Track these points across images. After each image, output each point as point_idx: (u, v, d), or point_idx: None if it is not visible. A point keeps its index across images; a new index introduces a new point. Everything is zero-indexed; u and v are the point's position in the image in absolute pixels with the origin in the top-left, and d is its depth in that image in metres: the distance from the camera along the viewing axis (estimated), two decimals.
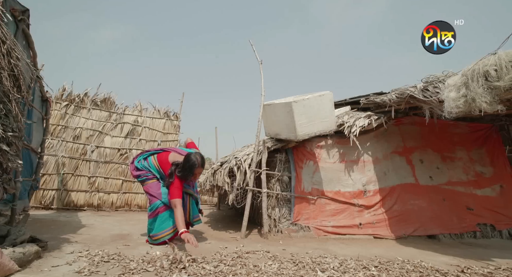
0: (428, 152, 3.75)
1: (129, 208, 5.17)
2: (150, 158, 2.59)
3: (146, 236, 2.68)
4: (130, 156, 5.31)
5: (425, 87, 2.72)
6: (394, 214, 3.32)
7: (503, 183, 3.79)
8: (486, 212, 3.57)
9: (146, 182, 2.53)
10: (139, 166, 2.56)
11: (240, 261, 1.87)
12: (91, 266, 1.66)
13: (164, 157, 2.54)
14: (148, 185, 2.52)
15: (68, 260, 1.75)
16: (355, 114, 3.65)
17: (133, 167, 2.59)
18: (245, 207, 3.09)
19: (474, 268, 1.97)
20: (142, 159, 2.61)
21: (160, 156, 2.57)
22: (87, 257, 1.85)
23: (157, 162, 2.54)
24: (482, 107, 2.10)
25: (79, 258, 1.81)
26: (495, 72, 2.02)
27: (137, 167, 2.56)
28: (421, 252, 2.55)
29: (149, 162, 2.56)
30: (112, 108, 5.53)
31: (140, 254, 2.01)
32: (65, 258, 1.79)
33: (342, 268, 1.83)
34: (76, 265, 1.66)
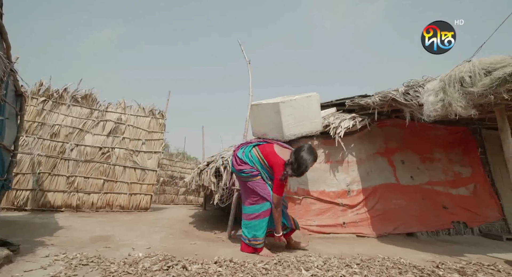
0: (409, 153, 3.91)
1: (111, 208, 5.00)
2: (253, 150, 2.33)
3: (129, 238, 2.61)
4: (113, 155, 5.14)
5: (406, 91, 2.83)
6: (376, 213, 3.43)
7: (477, 183, 4.02)
8: (460, 210, 3.78)
9: (251, 179, 2.26)
10: (243, 158, 2.30)
11: (225, 263, 1.86)
12: (68, 270, 1.59)
13: (269, 149, 2.29)
14: (255, 183, 2.25)
15: (43, 264, 1.66)
16: (341, 115, 3.74)
17: (238, 159, 2.33)
18: (231, 207, 3.07)
19: (448, 263, 2.07)
20: (246, 151, 2.34)
21: (263, 148, 2.32)
22: (64, 260, 1.76)
23: (260, 154, 2.28)
24: (457, 111, 2.22)
25: (55, 262, 1.72)
26: (470, 78, 2.14)
27: (243, 160, 2.30)
28: (400, 249, 2.65)
29: (252, 156, 2.30)
30: (94, 105, 5.31)
31: (122, 256, 1.94)
32: (40, 262, 1.70)
33: (326, 266, 1.86)
34: (51, 269, 1.58)
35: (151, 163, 5.47)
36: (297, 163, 2.14)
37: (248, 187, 2.30)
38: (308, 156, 2.15)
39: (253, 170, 2.26)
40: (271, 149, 2.28)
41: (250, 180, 2.27)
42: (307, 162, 2.14)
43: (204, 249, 2.33)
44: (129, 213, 4.95)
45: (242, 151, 2.37)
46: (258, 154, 2.30)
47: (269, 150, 2.29)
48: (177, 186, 9.44)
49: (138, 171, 5.32)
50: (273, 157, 2.23)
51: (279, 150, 2.31)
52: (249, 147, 2.38)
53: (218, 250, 2.28)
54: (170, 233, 3.07)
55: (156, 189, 8.63)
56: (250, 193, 2.30)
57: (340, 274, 1.69)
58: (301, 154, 2.15)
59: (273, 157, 2.23)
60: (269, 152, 2.27)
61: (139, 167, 5.33)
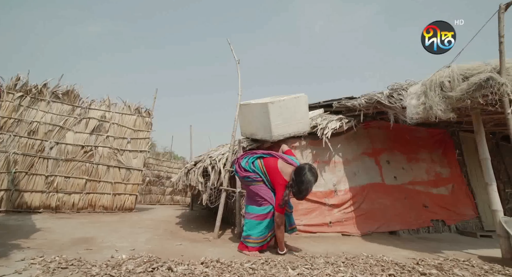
0: (394, 154, 4.04)
1: (93, 209, 4.83)
2: (257, 162, 2.40)
3: (113, 239, 2.53)
4: (96, 154, 4.96)
5: (390, 94, 2.93)
6: (362, 212, 3.52)
7: (455, 183, 4.22)
8: (439, 209, 3.96)
9: (254, 183, 2.35)
10: (247, 167, 2.38)
11: (212, 263, 1.84)
12: (45, 274, 1.52)
13: (272, 163, 2.33)
14: (257, 187, 2.33)
15: (18, 268, 1.58)
16: (328, 116, 3.81)
17: (240, 168, 2.42)
18: (219, 207, 3.05)
19: (427, 260, 2.17)
20: (250, 161, 2.41)
21: (267, 161, 2.36)
22: (41, 264, 1.68)
23: (264, 167, 2.35)
24: (438, 114, 2.32)
25: (31, 266, 1.64)
26: (449, 83, 2.24)
27: (245, 169, 2.39)
28: (383, 247, 2.74)
29: (255, 166, 2.38)
30: (76, 102, 5.10)
31: (104, 258, 1.88)
32: (14, 266, 1.61)
33: (312, 265, 1.89)
34: (27, 274, 1.50)
35: (137, 162, 5.33)
36: (298, 187, 2.12)
37: (251, 190, 2.38)
38: (309, 179, 2.11)
39: (257, 176, 2.34)
40: (274, 165, 2.31)
41: (254, 184, 2.35)
42: (308, 186, 2.11)
43: (191, 249, 2.30)
44: (113, 214, 4.80)
45: (245, 161, 2.43)
46: (261, 166, 2.36)
47: (272, 165, 2.31)
48: (163, 186, 9.26)
49: (122, 170, 5.16)
50: (275, 175, 2.26)
51: (282, 166, 2.31)
52: (253, 157, 2.43)
53: (205, 251, 2.26)
54: (155, 234, 3.00)
55: (141, 189, 8.42)
56: (254, 196, 2.37)
57: (326, 272, 1.72)
58: (302, 178, 2.11)
59: (275, 175, 2.26)
60: (272, 168, 2.30)
61: (123, 167, 5.17)
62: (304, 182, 2.10)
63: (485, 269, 1.98)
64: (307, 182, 2.10)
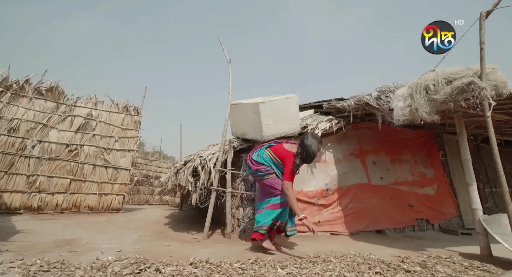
0: (380, 155, 4.15)
1: (78, 210, 4.68)
2: (265, 151, 2.52)
3: (98, 241, 2.46)
4: (82, 153, 4.81)
5: (378, 96, 3.00)
6: (350, 212, 3.59)
7: (439, 183, 4.38)
8: (424, 208, 4.09)
9: (267, 176, 2.46)
10: (258, 160, 2.50)
11: (201, 264, 1.83)
12: None
13: (279, 146, 2.50)
14: (271, 180, 2.44)
15: None
16: (318, 117, 3.85)
17: (254, 162, 2.53)
18: (209, 207, 3.03)
19: (412, 257, 2.24)
20: (260, 154, 2.53)
21: (274, 147, 2.52)
22: (21, 267, 1.61)
23: (272, 153, 2.47)
24: (423, 116, 2.40)
25: (10, 269, 1.57)
26: (434, 86, 2.32)
27: (258, 161, 2.49)
28: (371, 246, 2.80)
29: (266, 156, 2.49)
30: (61, 99, 4.92)
31: (89, 260, 1.82)
32: None
33: (301, 264, 1.91)
34: None
35: (125, 161, 5.21)
36: (305, 151, 2.32)
37: (265, 184, 2.49)
38: (311, 142, 2.32)
39: (269, 169, 2.46)
40: (280, 147, 2.51)
41: (266, 178, 2.47)
42: (312, 147, 2.31)
43: (180, 250, 2.27)
44: (99, 214, 4.67)
45: (256, 154, 2.57)
46: (270, 154, 2.50)
47: (279, 147, 2.50)
48: (152, 186, 9.09)
49: (109, 170, 5.03)
50: (283, 151, 2.44)
51: (288, 146, 2.51)
52: (262, 149, 2.58)
53: (194, 251, 2.24)
54: (143, 235, 2.94)
55: (129, 189, 8.23)
56: (269, 188, 2.47)
57: (315, 271, 1.75)
58: (305, 142, 2.33)
59: (283, 152, 2.44)
60: (279, 149, 2.48)
61: (111, 166, 5.04)
62: (308, 145, 2.31)
63: (465, 266, 2.06)
64: (311, 144, 2.31)
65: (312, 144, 2.32)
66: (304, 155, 2.33)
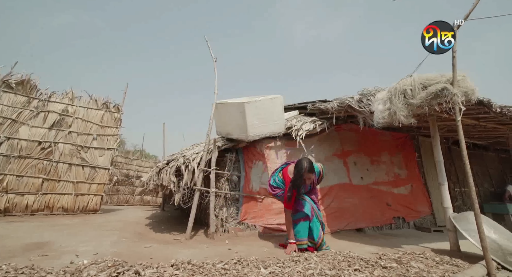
0: (361, 156, 4.29)
1: (51, 211, 4.41)
2: (278, 175, 2.63)
3: (73, 243, 2.35)
4: (56, 151, 4.54)
5: (360, 98, 3.10)
6: (332, 211, 3.69)
7: (413, 183, 4.61)
8: (400, 207, 4.29)
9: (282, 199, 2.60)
10: (274, 184, 2.61)
11: (183, 265, 1.79)
12: None
13: (285, 171, 2.58)
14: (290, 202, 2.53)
15: None
16: (303, 118, 3.92)
17: (272, 187, 2.64)
18: (192, 207, 2.98)
19: (389, 254, 2.34)
20: (275, 177, 2.64)
21: (284, 170, 2.61)
22: None
23: (283, 176, 2.59)
24: (401, 119, 2.52)
25: None
26: (411, 91, 2.44)
27: (273, 186, 2.62)
28: (351, 243, 2.90)
29: (279, 179, 2.61)
30: (33, 93, 4.62)
31: (63, 264, 1.73)
32: None
33: (283, 263, 1.93)
34: None
35: (103, 160, 4.99)
36: (294, 176, 2.43)
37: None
38: (297, 169, 2.40)
39: (283, 192, 2.57)
40: (285, 171, 2.60)
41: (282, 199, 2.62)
42: (297, 175, 2.39)
43: (161, 252, 2.21)
44: (74, 216, 4.43)
45: (273, 179, 2.67)
46: (281, 176, 2.63)
47: (285, 172, 2.61)
48: (133, 186, 8.78)
49: (87, 169, 4.79)
50: (287, 178, 2.55)
51: (291, 168, 2.57)
52: (276, 173, 2.69)
53: (176, 253, 2.19)
54: (122, 236, 2.84)
55: (108, 189, 7.90)
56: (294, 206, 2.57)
57: (297, 269, 1.77)
58: (295, 170, 2.43)
59: (287, 178, 2.56)
60: (285, 174, 2.58)
61: (88, 165, 4.80)
62: (294, 173, 2.41)
63: (437, 261, 2.19)
64: (299, 169, 2.38)
65: (297, 172, 2.38)
66: (292, 180, 2.44)
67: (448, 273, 1.86)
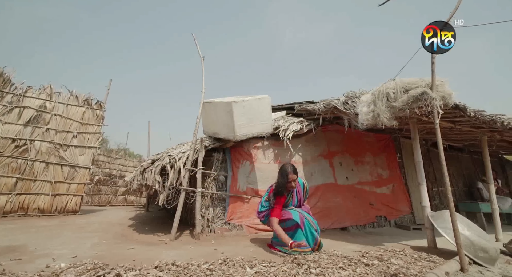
0: (346, 156, 4.40)
1: (25, 212, 4.18)
2: (265, 197, 2.62)
3: (49, 246, 2.25)
4: (32, 149, 4.31)
5: (345, 100, 3.18)
6: (317, 210, 3.75)
7: (395, 183, 4.79)
8: (382, 206, 4.44)
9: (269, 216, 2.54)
10: (262, 209, 2.59)
11: (167, 266, 1.76)
12: None
13: (271, 189, 2.57)
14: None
15: None
16: (290, 119, 3.96)
17: (258, 213, 2.64)
18: (177, 207, 2.93)
19: (371, 252, 2.42)
20: (263, 201, 2.61)
21: (271, 189, 2.58)
22: None
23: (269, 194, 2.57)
24: (384, 121, 2.61)
25: None
26: (393, 94, 2.54)
27: (260, 212, 2.60)
28: (335, 242, 2.96)
29: (265, 202, 2.59)
30: (6, 88, 4.36)
31: (37, 268, 1.64)
32: None
33: (269, 263, 1.94)
34: None
35: (84, 159, 4.79)
36: (278, 179, 2.49)
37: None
38: (281, 171, 2.47)
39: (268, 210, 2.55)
40: (272, 189, 2.60)
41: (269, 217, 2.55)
42: (282, 174, 2.44)
43: (144, 253, 2.15)
44: (52, 217, 4.22)
45: (260, 205, 2.65)
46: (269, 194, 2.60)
47: (271, 190, 2.60)
48: (115, 186, 8.48)
49: (66, 168, 4.58)
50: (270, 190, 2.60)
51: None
52: (263, 198, 2.67)
53: (161, 254, 2.15)
54: (103, 238, 2.74)
55: (89, 189, 7.60)
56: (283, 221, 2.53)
57: (283, 269, 1.79)
58: (279, 173, 2.49)
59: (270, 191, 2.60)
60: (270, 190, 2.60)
61: (67, 164, 4.59)
62: (281, 173, 2.46)
63: (415, 257, 2.29)
64: (283, 170, 2.45)
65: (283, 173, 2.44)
66: (276, 185, 2.49)
67: (425, 269, 1.95)
